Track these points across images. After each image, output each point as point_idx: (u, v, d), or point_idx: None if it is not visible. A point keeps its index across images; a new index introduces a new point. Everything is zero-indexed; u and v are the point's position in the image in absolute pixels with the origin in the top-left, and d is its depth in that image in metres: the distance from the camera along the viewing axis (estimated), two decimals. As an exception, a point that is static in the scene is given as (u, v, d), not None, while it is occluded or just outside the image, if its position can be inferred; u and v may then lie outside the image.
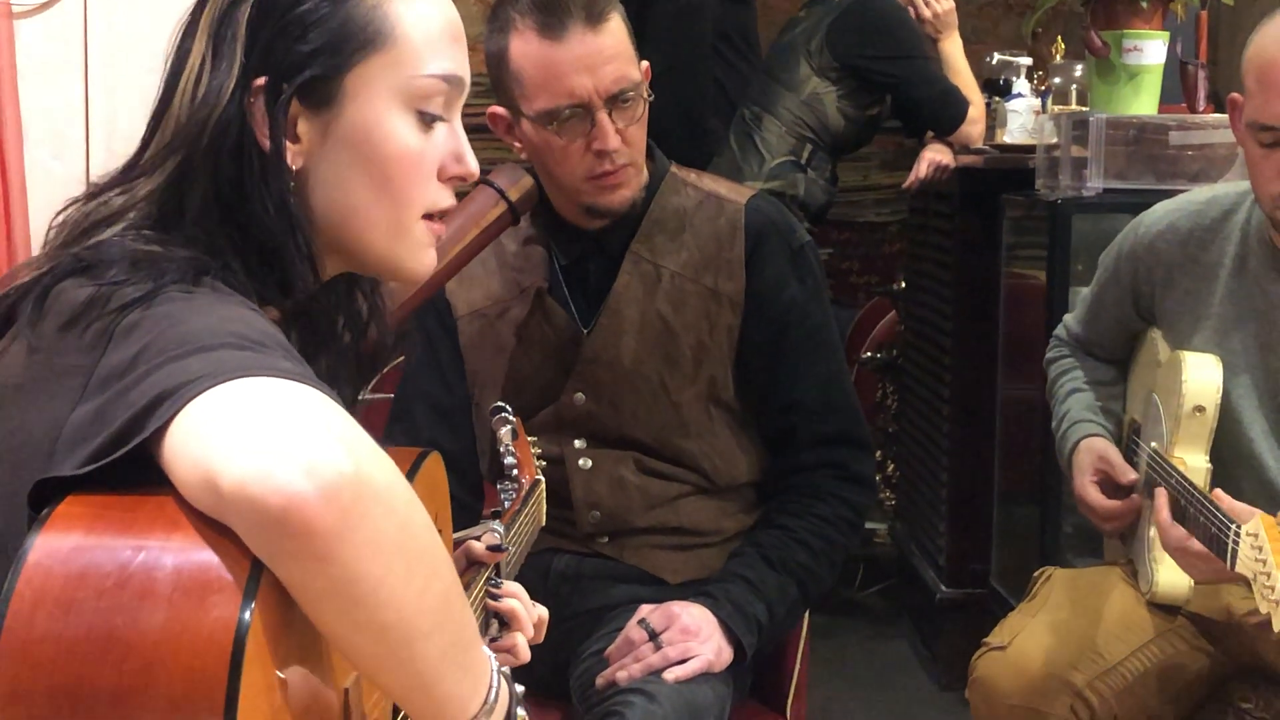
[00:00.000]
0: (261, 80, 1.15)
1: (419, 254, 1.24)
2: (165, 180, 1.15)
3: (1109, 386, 2.32)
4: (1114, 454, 2.16)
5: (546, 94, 1.94)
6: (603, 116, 1.94)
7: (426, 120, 1.20)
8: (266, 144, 1.15)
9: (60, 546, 0.95)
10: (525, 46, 1.94)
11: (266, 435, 0.94)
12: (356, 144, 1.18)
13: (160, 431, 0.96)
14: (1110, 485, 2.15)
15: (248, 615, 0.93)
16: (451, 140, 1.23)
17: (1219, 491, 1.88)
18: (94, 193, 1.18)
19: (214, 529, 0.96)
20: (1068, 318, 2.42)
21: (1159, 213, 2.19)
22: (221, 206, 1.15)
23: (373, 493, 0.96)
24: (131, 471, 0.97)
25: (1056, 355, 2.40)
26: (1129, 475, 2.13)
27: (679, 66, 1.99)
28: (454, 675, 1.06)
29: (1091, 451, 2.17)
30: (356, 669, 1.08)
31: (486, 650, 1.13)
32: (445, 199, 1.24)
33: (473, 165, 1.24)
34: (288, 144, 1.16)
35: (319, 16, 1.16)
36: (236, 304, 1.10)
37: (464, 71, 1.24)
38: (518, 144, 2.03)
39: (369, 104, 1.18)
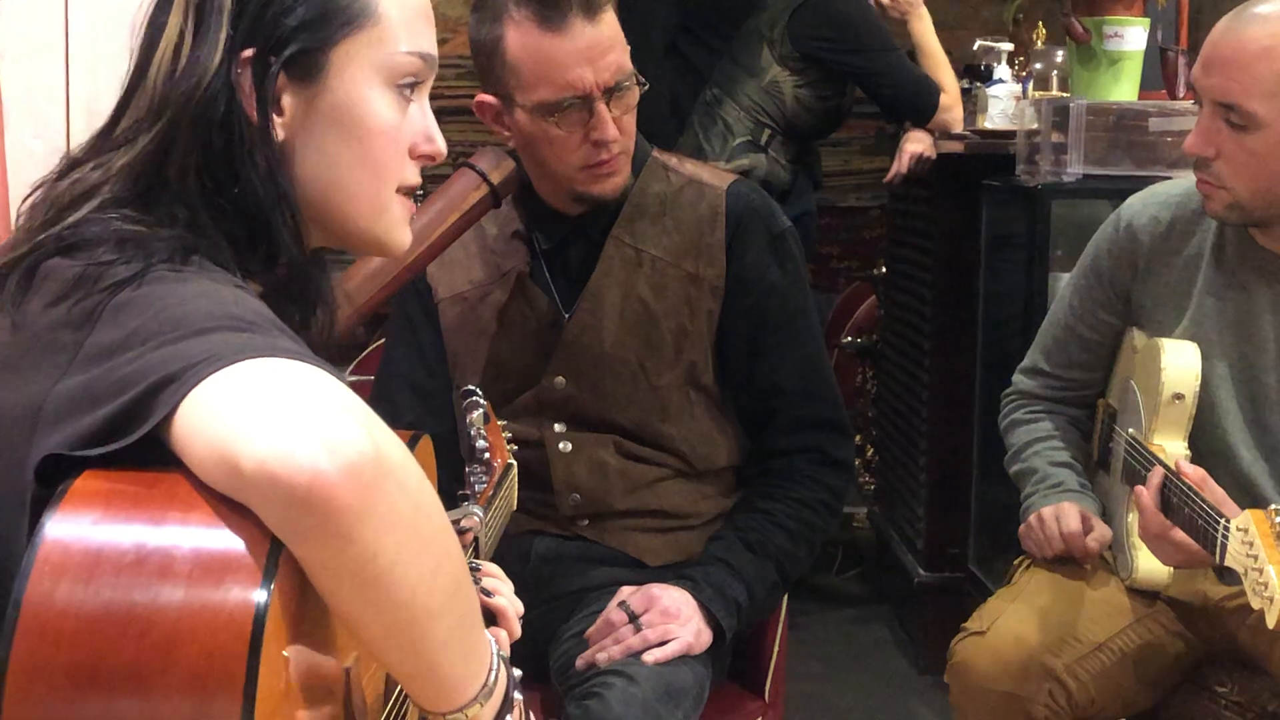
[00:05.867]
0: (249, 52, 1.16)
1: (399, 228, 1.26)
2: (143, 153, 1.15)
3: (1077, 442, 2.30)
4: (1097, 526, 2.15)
5: (547, 86, 1.93)
6: (601, 107, 1.94)
7: (404, 96, 1.23)
8: (255, 116, 1.16)
9: (78, 523, 0.95)
10: (524, 38, 1.93)
11: (284, 415, 0.94)
12: (340, 118, 1.19)
13: (168, 415, 0.96)
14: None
15: (266, 595, 0.93)
16: (422, 119, 1.25)
17: (1206, 476, 1.89)
18: (66, 169, 1.18)
19: (230, 508, 0.96)
20: (1024, 364, 2.36)
21: (1137, 206, 2.19)
22: (208, 178, 1.16)
23: (390, 471, 0.97)
24: (133, 451, 0.98)
25: (1020, 419, 2.33)
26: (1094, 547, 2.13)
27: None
28: (458, 656, 1.07)
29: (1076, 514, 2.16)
30: (364, 646, 1.09)
31: (488, 634, 1.14)
32: (414, 176, 1.26)
33: (441, 146, 1.27)
34: (273, 116, 1.17)
35: None
36: (226, 283, 1.10)
37: (435, 51, 1.27)
38: (506, 132, 2.02)
39: (353, 79, 1.19)
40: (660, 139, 3.57)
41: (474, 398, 1.75)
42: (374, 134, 1.21)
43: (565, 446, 2.07)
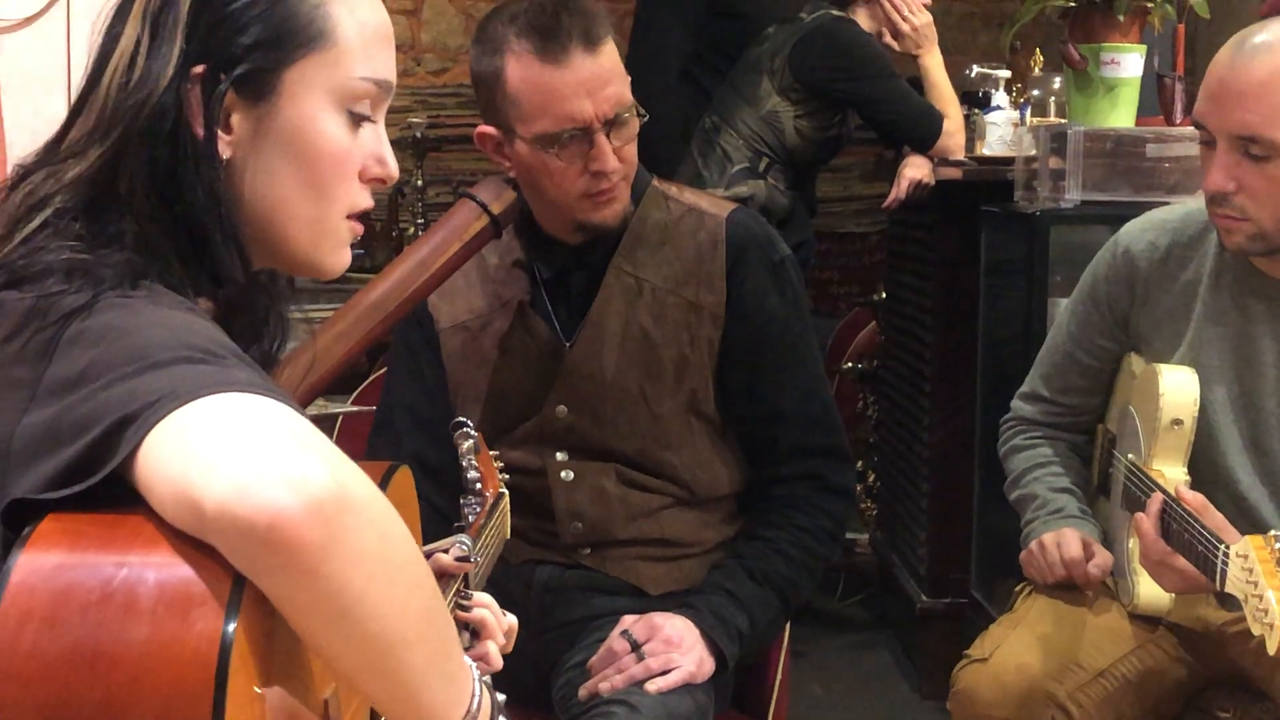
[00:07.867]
0: (200, 68, 1.15)
1: (339, 251, 1.25)
2: (95, 165, 1.15)
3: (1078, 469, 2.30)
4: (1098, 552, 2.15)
5: (547, 118, 1.94)
6: (601, 139, 1.95)
7: (356, 121, 1.21)
8: (200, 132, 1.15)
9: (43, 564, 0.96)
10: (524, 70, 1.94)
11: (243, 453, 0.94)
12: (289, 139, 1.18)
13: (129, 454, 0.97)
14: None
15: (231, 629, 0.94)
16: (375, 142, 1.24)
17: (1205, 502, 1.89)
18: (17, 179, 1.17)
19: (194, 544, 0.96)
20: (1022, 390, 2.36)
21: (1135, 231, 2.19)
22: (155, 193, 1.15)
23: (354, 505, 0.97)
24: (99, 490, 0.98)
25: (1020, 445, 2.33)
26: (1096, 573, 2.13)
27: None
28: (438, 683, 1.07)
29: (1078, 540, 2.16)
30: (342, 678, 1.09)
31: (467, 659, 1.14)
32: (364, 200, 1.25)
33: (393, 168, 1.25)
34: (220, 133, 1.16)
35: (262, 11, 1.17)
36: (178, 309, 1.10)
37: (393, 76, 1.25)
38: (507, 163, 2.03)
39: (304, 101, 1.18)
40: (672, 165, 3.60)
41: (465, 428, 1.75)
42: (322, 157, 1.19)
43: (567, 475, 2.07)
